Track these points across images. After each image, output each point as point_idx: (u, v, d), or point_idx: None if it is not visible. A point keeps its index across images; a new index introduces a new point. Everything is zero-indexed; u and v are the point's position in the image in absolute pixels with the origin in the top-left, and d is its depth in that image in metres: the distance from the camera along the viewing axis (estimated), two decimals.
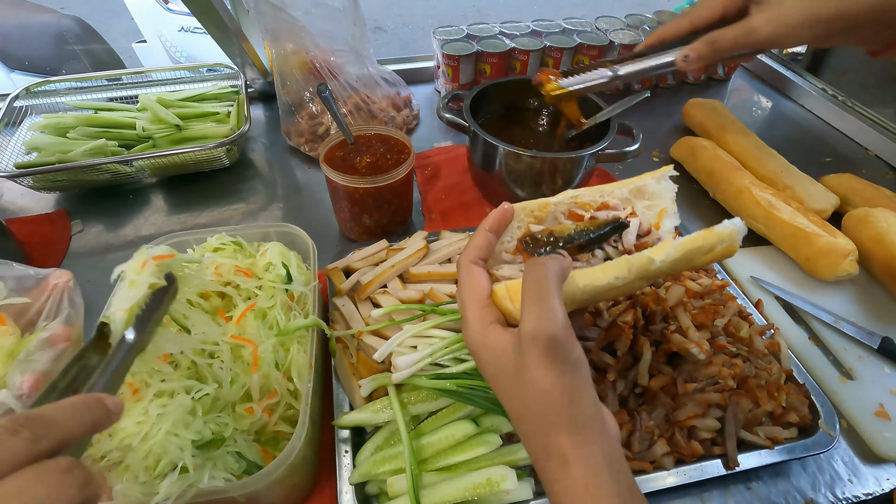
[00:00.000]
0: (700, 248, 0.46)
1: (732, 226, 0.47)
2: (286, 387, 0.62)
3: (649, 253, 0.46)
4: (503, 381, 0.44)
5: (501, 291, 0.47)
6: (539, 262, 0.44)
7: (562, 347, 0.41)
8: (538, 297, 0.42)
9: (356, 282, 0.85)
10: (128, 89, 1.37)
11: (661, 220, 0.54)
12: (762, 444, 0.71)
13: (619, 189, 0.55)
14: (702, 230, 0.47)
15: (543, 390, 0.41)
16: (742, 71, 1.70)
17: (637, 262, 0.46)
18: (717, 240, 0.47)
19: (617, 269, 0.46)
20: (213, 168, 1.21)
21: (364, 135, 1.02)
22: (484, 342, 0.45)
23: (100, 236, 1.09)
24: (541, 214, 0.55)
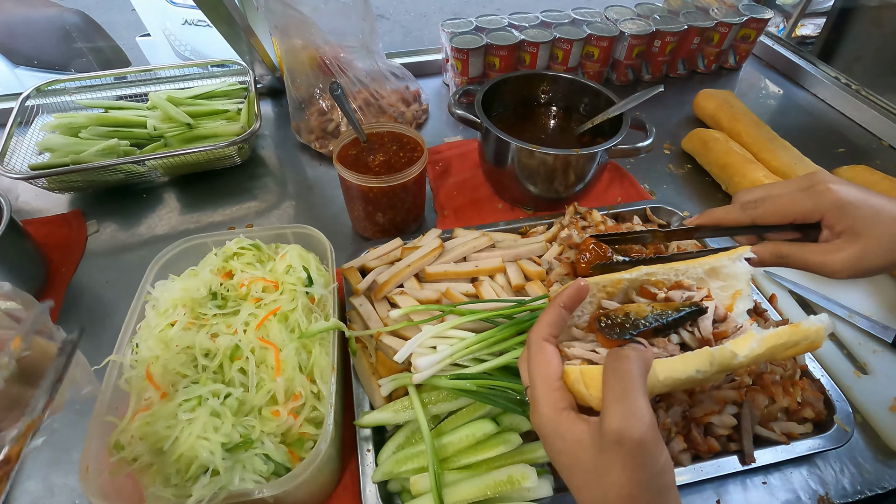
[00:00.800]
0: (784, 343, 0.45)
1: (820, 323, 0.45)
2: (310, 389, 0.63)
3: (732, 347, 0.45)
4: (578, 475, 0.43)
5: (575, 374, 0.45)
6: (622, 354, 0.42)
7: (649, 452, 0.39)
8: (623, 394, 0.40)
9: (372, 281, 0.86)
10: (136, 87, 1.37)
11: (735, 302, 0.52)
12: (778, 439, 0.72)
13: (694, 268, 0.53)
14: (788, 326, 0.46)
15: (627, 495, 0.39)
16: (753, 59, 1.68)
17: (720, 357, 0.44)
18: (802, 336, 0.45)
19: (698, 362, 0.44)
20: (225, 166, 1.21)
21: (376, 132, 1.02)
22: (557, 429, 0.44)
23: (115, 236, 1.10)
24: (613, 290, 0.53)
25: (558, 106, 1.20)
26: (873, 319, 0.89)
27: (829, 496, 0.72)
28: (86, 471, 0.54)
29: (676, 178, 1.24)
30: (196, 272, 0.73)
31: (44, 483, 0.72)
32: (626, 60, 1.47)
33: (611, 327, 0.48)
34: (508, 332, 0.69)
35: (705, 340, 0.49)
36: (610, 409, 0.40)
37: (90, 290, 0.99)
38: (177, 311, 0.67)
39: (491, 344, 0.69)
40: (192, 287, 0.68)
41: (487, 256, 0.88)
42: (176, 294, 0.68)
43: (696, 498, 0.71)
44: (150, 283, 0.74)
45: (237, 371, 0.61)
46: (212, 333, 0.66)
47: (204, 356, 0.63)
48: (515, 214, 1.12)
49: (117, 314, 0.94)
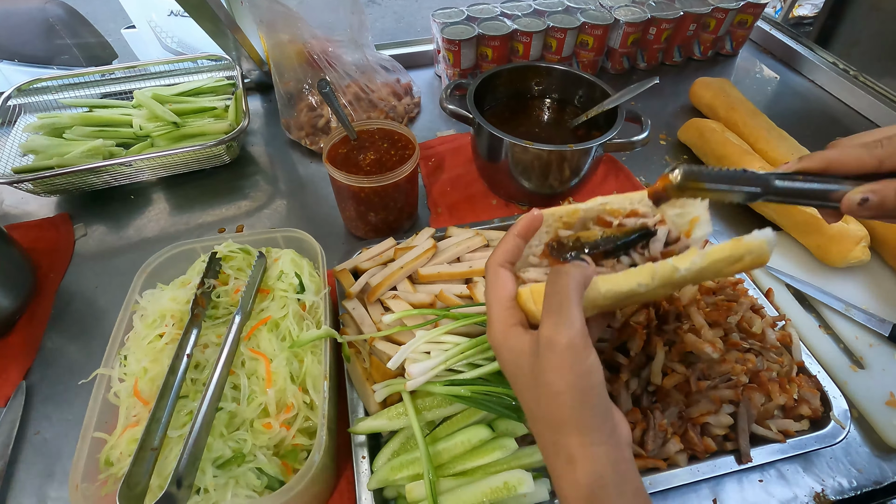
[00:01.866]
0: (727, 258, 0.45)
1: (763, 237, 0.45)
2: (302, 399, 0.62)
3: (674, 261, 0.46)
4: (521, 381, 0.47)
5: (526, 294, 0.49)
6: (562, 270, 0.46)
7: (576, 354, 0.42)
8: (559, 306, 0.44)
9: (365, 283, 0.85)
10: (121, 83, 1.34)
11: (693, 228, 0.52)
12: (774, 437, 0.71)
13: (646, 197, 0.53)
14: (730, 240, 0.46)
15: (556, 392, 0.43)
16: (750, 45, 1.65)
17: (661, 271, 0.45)
18: (746, 250, 0.45)
19: (640, 275, 0.46)
20: (214, 165, 1.19)
21: (367, 130, 1.00)
22: (505, 342, 0.48)
23: (104, 240, 1.08)
24: (570, 220, 0.54)
25: (552, 98, 1.18)
26: (870, 313, 0.89)
27: (825, 493, 0.72)
28: (75, 489, 0.53)
29: None
30: (186, 281, 0.72)
31: (37, 496, 0.71)
32: (621, 49, 1.44)
33: (560, 250, 0.51)
34: None
35: (653, 259, 0.50)
36: (545, 318, 0.44)
37: (80, 295, 0.98)
38: (165, 322, 0.65)
39: (485, 349, 0.68)
40: (180, 297, 0.67)
41: (482, 256, 0.87)
42: (164, 304, 0.66)
43: (693, 497, 0.72)
44: (137, 292, 0.72)
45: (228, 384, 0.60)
46: (202, 344, 0.65)
47: (194, 368, 0.62)
48: (510, 210, 1.11)
49: (108, 320, 0.92)
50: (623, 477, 0.42)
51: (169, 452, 0.56)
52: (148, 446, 0.54)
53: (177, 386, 0.60)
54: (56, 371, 0.85)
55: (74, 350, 0.89)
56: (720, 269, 0.46)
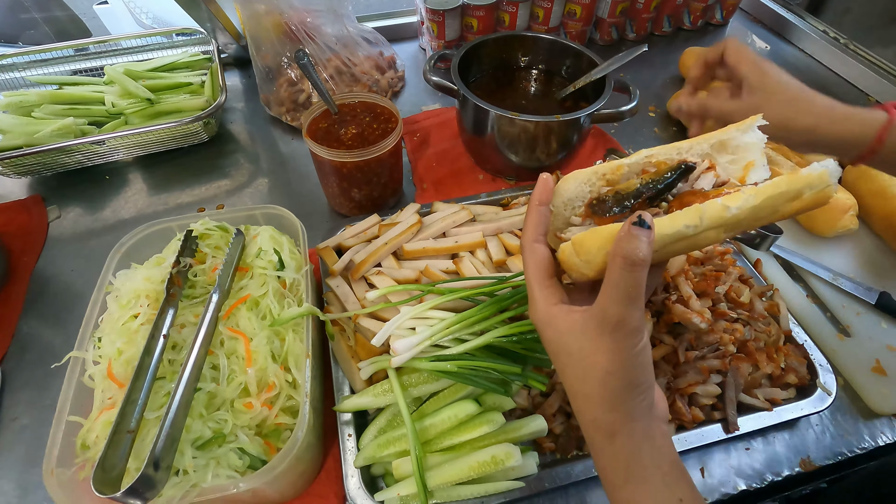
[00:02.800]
0: (784, 193, 0.41)
1: (823, 167, 0.41)
2: (284, 378, 0.61)
3: (724, 200, 0.42)
4: (565, 360, 0.46)
5: (567, 249, 0.46)
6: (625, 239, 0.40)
7: (634, 335, 0.41)
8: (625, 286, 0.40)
9: (349, 261, 0.83)
10: (92, 60, 1.28)
11: (748, 173, 0.48)
12: (761, 406, 0.72)
13: (699, 145, 0.49)
14: (787, 173, 0.42)
15: (607, 373, 0.42)
16: (740, 14, 1.62)
17: (710, 210, 0.41)
18: (805, 184, 0.41)
19: (686, 217, 0.42)
20: (192, 143, 1.15)
21: (348, 103, 0.97)
22: (549, 322, 0.47)
23: (79, 221, 1.04)
24: (613, 177, 0.50)
25: (539, 69, 1.15)
26: (857, 281, 0.89)
27: (811, 459, 0.72)
28: (50, 474, 0.52)
29: (662, 141, 1.21)
30: (161, 259, 0.69)
31: (17, 482, 0.70)
32: (609, 18, 1.41)
33: (602, 207, 0.48)
34: (489, 311, 0.67)
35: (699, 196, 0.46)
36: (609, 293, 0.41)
37: (56, 278, 0.95)
38: (139, 303, 0.63)
39: (471, 323, 0.67)
40: (155, 277, 0.65)
41: (468, 231, 0.85)
42: (138, 284, 0.64)
43: None
44: (111, 273, 0.70)
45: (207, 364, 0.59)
46: (179, 324, 0.63)
47: (171, 349, 0.61)
48: (497, 185, 1.09)
49: (85, 303, 0.88)
50: (660, 451, 0.43)
51: (146, 435, 0.54)
52: (123, 429, 0.52)
53: (153, 367, 0.58)
54: (33, 356, 0.83)
55: (51, 334, 0.86)
56: (777, 208, 0.42)
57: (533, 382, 0.64)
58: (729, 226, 0.42)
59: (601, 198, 0.49)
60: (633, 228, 0.40)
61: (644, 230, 0.40)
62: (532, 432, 0.65)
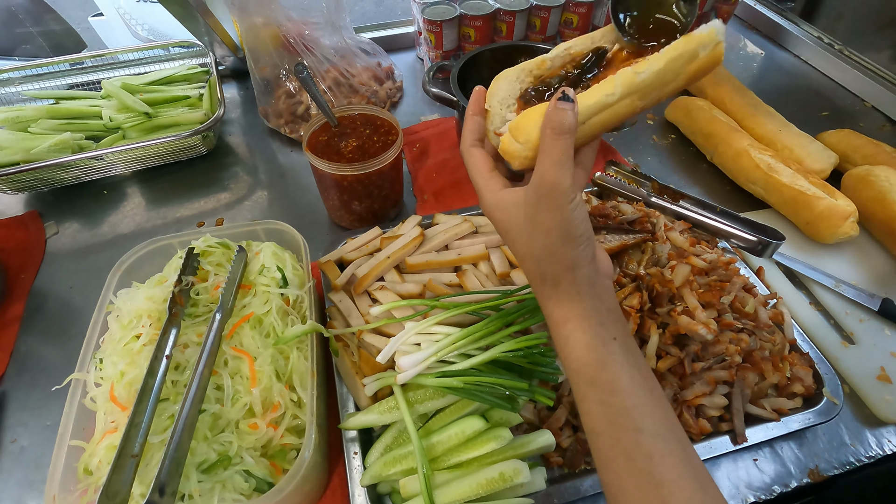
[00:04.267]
0: (682, 55, 0.45)
1: (710, 26, 0.45)
2: (289, 397, 0.60)
3: (633, 67, 0.46)
4: (514, 231, 0.49)
5: (507, 138, 0.49)
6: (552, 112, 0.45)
7: (565, 194, 0.45)
8: (552, 148, 0.44)
9: (351, 275, 0.82)
10: (89, 73, 1.28)
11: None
12: (768, 416, 0.71)
13: (612, 32, 0.52)
14: (681, 37, 0.46)
15: (547, 229, 0.46)
16: (735, 21, 1.63)
17: (621, 77, 0.46)
18: (698, 43, 0.45)
19: (603, 87, 0.46)
20: (190, 157, 1.15)
21: (348, 116, 0.96)
22: (498, 204, 0.50)
23: (77, 237, 1.04)
24: (539, 72, 0.54)
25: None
26: (860, 288, 0.89)
27: (818, 468, 0.72)
28: (52, 500, 0.51)
29: (660, 148, 1.21)
30: (163, 279, 0.69)
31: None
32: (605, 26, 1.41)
33: (531, 97, 0.51)
34: (495, 325, 0.67)
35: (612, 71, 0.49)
36: (543, 159, 0.45)
37: (54, 295, 0.94)
38: (141, 322, 0.63)
39: (477, 339, 0.66)
40: (156, 296, 0.64)
41: (470, 244, 0.85)
42: (140, 304, 0.63)
43: None
44: (112, 292, 0.69)
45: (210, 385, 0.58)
46: (182, 344, 0.62)
47: (174, 370, 0.60)
48: None
49: (84, 321, 0.87)
50: (599, 297, 0.48)
51: (150, 459, 0.53)
52: (128, 453, 0.51)
53: (156, 389, 0.57)
54: (32, 376, 0.82)
55: (50, 353, 0.85)
56: (679, 69, 0.46)
57: (540, 398, 0.64)
58: (641, 91, 0.46)
59: (529, 90, 0.52)
60: (559, 103, 0.44)
61: (568, 103, 0.44)
62: (540, 447, 0.65)
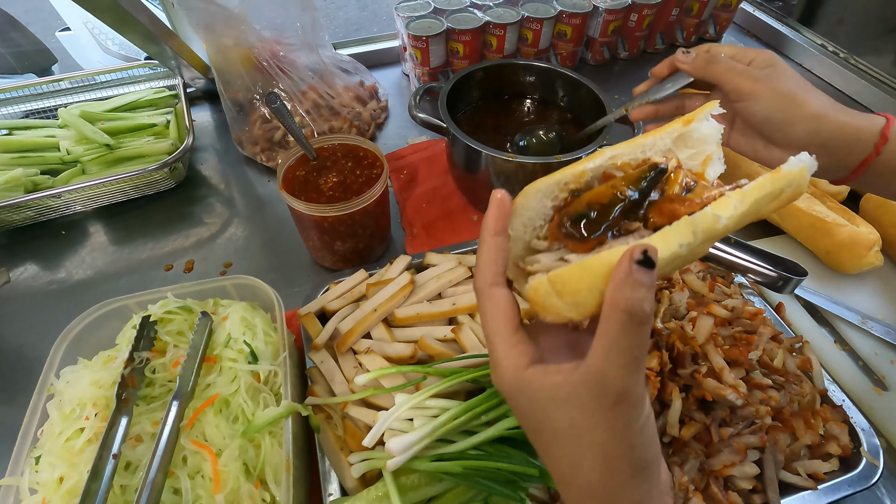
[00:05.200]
0: (767, 195, 0.38)
1: (801, 163, 0.39)
2: (260, 498, 0.51)
3: (713, 209, 0.37)
4: (547, 437, 0.37)
5: (543, 287, 0.37)
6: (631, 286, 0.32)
7: (635, 407, 0.34)
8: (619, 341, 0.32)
9: (335, 330, 0.74)
10: (46, 99, 1.18)
11: (706, 168, 0.44)
12: (804, 485, 0.64)
13: (661, 139, 0.44)
14: (767, 174, 0.39)
15: (609, 455, 0.34)
16: (734, 28, 1.57)
17: (702, 223, 0.36)
18: (786, 182, 0.38)
19: (679, 234, 0.36)
20: (158, 190, 1.05)
21: (327, 147, 0.88)
22: (523, 389, 0.37)
23: (31, 285, 0.94)
24: (577, 186, 0.43)
25: (533, 98, 1.07)
26: (888, 324, 0.82)
27: None
28: None
29: None
30: (111, 358, 0.60)
31: None
32: (601, 38, 1.34)
33: (576, 226, 0.39)
34: (499, 398, 0.59)
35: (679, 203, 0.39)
36: (604, 353, 0.33)
37: (3, 356, 0.84)
38: (85, 413, 0.53)
39: (478, 414, 0.58)
40: (104, 380, 0.55)
41: (465, 291, 0.77)
42: (84, 391, 0.54)
43: None
44: (54, 371, 0.60)
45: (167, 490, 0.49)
46: (134, 437, 0.53)
47: (124, 470, 0.51)
48: None
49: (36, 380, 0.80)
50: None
51: None
52: None
53: (101, 497, 0.48)
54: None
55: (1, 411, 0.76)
56: (760, 209, 0.39)
57: (552, 483, 0.56)
58: (717, 236, 0.38)
59: (570, 215, 0.40)
60: (637, 269, 0.31)
61: (647, 271, 0.31)
62: None
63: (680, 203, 0.39)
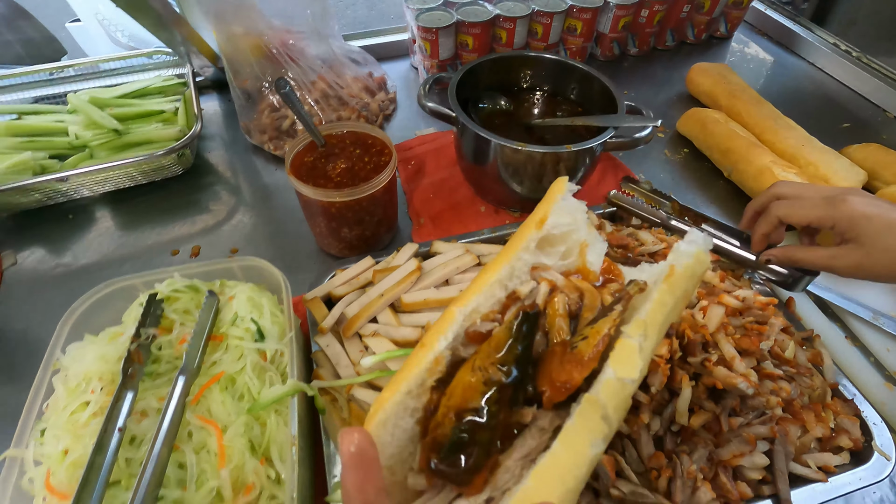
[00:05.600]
0: (675, 305, 0.33)
1: (693, 247, 0.35)
2: (265, 474, 0.51)
3: (616, 372, 0.30)
4: None
5: None
6: None
7: None
8: None
9: (341, 314, 0.73)
10: (56, 86, 1.18)
11: (585, 257, 0.38)
12: (815, 477, 0.63)
13: (520, 260, 0.36)
14: (662, 284, 0.33)
15: None
16: (745, 27, 1.56)
17: (609, 398, 0.29)
18: (689, 277, 0.34)
19: (586, 433, 0.28)
20: (165, 177, 1.05)
21: (336, 134, 0.88)
22: None
23: (37, 268, 0.94)
24: (436, 380, 0.34)
25: (543, 91, 1.07)
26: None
27: None
28: None
29: (673, 164, 1.13)
30: (117, 333, 0.59)
31: None
32: (611, 33, 1.34)
33: (451, 461, 0.29)
34: None
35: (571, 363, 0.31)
36: None
37: (8, 337, 0.84)
38: (91, 387, 0.53)
39: None
40: (110, 355, 0.55)
41: (473, 278, 0.76)
42: (89, 365, 0.54)
43: None
44: (60, 346, 0.59)
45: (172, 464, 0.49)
46: (139, 412, 0.53)
47: (129, 444, 0.51)
48: (501, 218, 1.00)
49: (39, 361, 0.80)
50: None
51: None
52: None
53: (105, 469, 0.48)
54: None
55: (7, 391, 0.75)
56: (674, 319, 0.35)
57: None
58: (631, 393, 0.31)
59: (437, 446, 0.30)
60: None
61: None
62: None
63: (572, 364, 0.31)
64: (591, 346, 0.30)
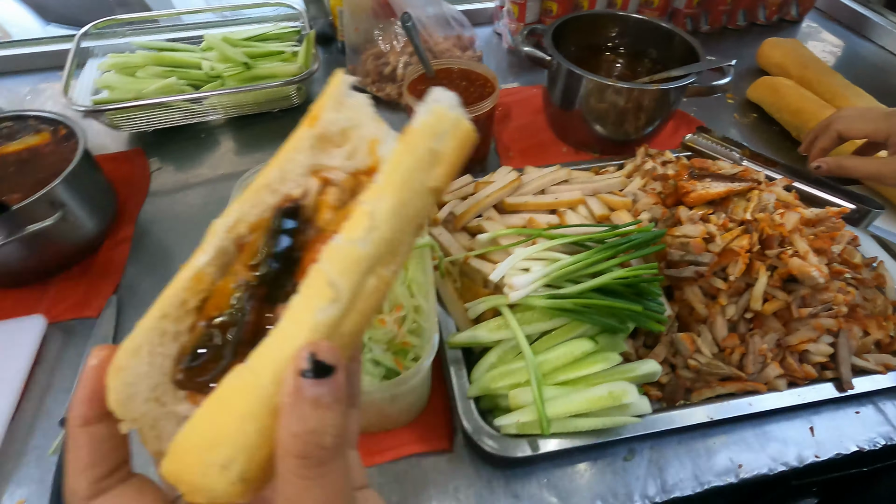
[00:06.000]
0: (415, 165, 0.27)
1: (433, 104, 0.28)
2: (411, 302, 0.63)
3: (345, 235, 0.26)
4: None
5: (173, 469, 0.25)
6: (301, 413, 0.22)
7: None
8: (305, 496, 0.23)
9: (449, 213, 0.85)
10: (186, 31, 1.35)
11: (377, 156, 0.31)
12: (874, 369, 0.70)
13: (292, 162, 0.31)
14: (399, 142, 0.28)
15: None
16: (815, 12, 1.61)
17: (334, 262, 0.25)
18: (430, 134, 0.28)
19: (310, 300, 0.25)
20: (282, 108, 1.20)
21: (445, 68, 1.00)
22: None
23: (176, 176, 1.09)
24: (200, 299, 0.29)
25: (626, 51, 1.17)
26: None
27: None
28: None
29: (742, 127, 1.21)
30: None
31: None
32: (685, 9, 1.42)
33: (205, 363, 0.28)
34: (603, 255, 0.68)
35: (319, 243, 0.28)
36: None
37: (154, 231, 0.99)
38: None
39: (586, 265, 0.68)
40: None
41: (567, 189, 0.87)
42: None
43: (788, 426, 0.70)
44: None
45: None
46: None
47: None
48: (581, 157, 1.10)
49: (178, 255, 0.94)
50: None
51: None
52: None
53: None
54: (139, 298, 0.86)
55: (147, 286, 0.88)
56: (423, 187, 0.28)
57: (652, 325, 0.65)
58: (383, 255, 0.26)
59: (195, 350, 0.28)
60: (304, 384, 0.22)
61: (321, 381, 0.22)
62: (645, 374, 0.65)
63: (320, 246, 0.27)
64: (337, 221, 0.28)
